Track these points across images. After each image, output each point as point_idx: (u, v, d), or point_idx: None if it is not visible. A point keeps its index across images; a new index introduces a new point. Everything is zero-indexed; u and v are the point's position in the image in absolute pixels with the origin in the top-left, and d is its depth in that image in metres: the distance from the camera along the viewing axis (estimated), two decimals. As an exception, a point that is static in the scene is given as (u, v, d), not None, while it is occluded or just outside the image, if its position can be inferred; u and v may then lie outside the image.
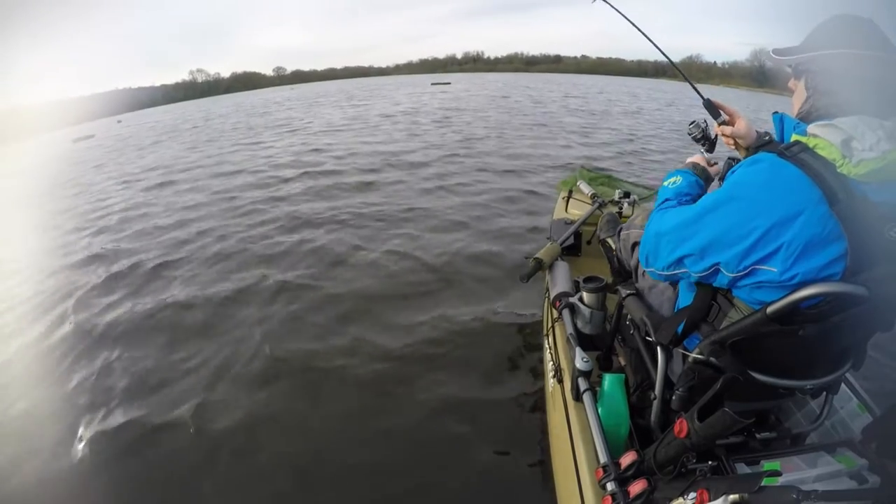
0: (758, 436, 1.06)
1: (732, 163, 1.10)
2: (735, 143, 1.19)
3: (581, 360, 1.21)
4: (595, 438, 1.04)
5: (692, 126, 1.28)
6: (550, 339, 1.57)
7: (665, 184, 1.11)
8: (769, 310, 0.78)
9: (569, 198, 2.61)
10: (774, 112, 1.11)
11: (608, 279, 1.55)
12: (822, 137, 0.75)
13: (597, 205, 2.32)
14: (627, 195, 2.35)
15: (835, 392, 1.07)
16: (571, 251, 2.30)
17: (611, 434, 1.07)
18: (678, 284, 1.07)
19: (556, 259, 1.85)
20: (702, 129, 1.27)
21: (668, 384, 1.05)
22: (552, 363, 1.47)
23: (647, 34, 1.58)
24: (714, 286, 0.90)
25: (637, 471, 0.90)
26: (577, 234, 2.26)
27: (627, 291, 1.25)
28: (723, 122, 1.20)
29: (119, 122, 34.85)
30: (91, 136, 22.71)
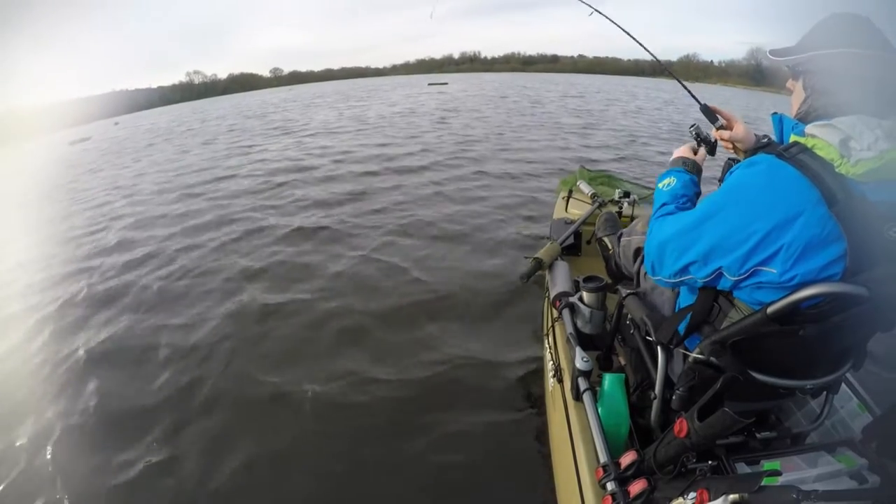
0: (758, 435, 1.06)
1: (731, 163, 1.09)
2: (734, 147, 1.19)
3: (581, 360, 1.21)
4: (595, 438, 1.05)
5: (692, 129, 1.29)
6: (550, 339, 1.57)
7: (660, 186, 1.10)
8: (769, 310, 0.78)
9: (569, 197, 2.61)
10: (774, 113, 1.11)
11: (608, 279, 1.55)
12: (821, 137, 0.75)
13: (597, 204, 2.32)
14: (627, 195, 2.36)
15: (835, 392, 1.06)
16: (571, 251, 2.31)
17: (611, 434, 1.07)
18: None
19: (556, 259, 1.85)
20: (703, 132, 1.27)
21: (669, 384, 1.05)
22: (552, 363, 1.47)
23: (644, 44, 1.60)
24: (717, 289, 0.90)
25: (637, 470, 0.91)
26: (577, 234, 2.26)
27: (627, 291, 1.25)
28: (721, 127, 1.20)
29: (116, 124, 34.69)
30: (87, 139, 22.60)
